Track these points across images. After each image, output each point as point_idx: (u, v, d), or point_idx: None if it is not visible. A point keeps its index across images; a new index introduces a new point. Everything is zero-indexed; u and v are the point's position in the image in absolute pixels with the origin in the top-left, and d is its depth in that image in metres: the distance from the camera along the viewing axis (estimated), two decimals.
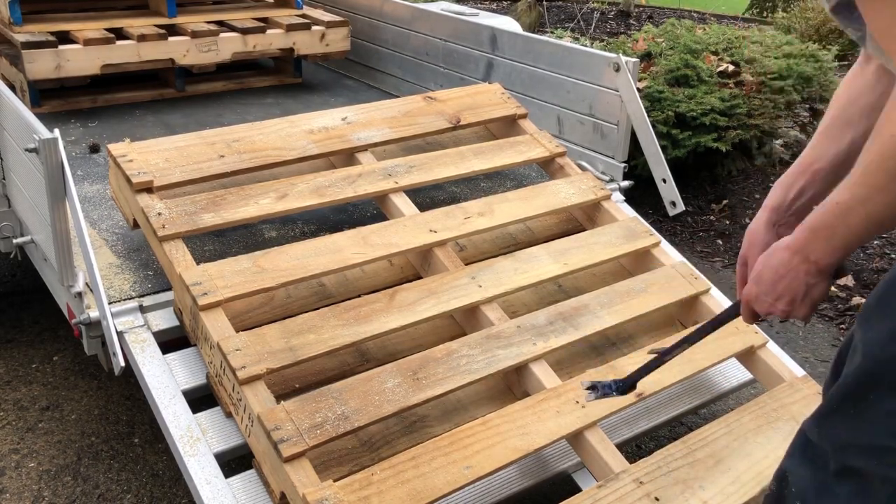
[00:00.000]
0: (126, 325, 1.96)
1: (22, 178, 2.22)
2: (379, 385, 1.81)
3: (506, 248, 2.41)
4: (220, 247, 2.29)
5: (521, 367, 1.98)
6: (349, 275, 2.18)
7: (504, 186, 2.75)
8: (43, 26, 3.18)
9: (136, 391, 2.67)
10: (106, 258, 2.18)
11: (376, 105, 2.65)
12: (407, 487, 1.63)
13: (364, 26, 3.82)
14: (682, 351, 1.58)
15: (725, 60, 4.28)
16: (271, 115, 2.93)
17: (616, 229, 2.41)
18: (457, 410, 1.95)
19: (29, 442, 2.52)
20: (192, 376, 1.91)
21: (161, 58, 3.27)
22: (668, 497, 1.76)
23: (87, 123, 3.16)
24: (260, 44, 3.48)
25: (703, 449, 1.89)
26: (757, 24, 7.54)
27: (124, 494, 2.35)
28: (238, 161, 2.27)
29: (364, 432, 1.80)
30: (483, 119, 2.69)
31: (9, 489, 2.34)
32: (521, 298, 2.26)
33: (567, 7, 8.67)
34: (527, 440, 1.80)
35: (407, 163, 2.43)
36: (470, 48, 3.27)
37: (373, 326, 1.93)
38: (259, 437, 1.70)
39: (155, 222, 2.03)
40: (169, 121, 3.23)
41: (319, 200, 2.23)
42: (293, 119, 2.49)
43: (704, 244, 4.01)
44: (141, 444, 2.54)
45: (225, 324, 1.86)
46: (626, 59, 2.65)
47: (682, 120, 3.98)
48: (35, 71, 3.01)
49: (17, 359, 2.92)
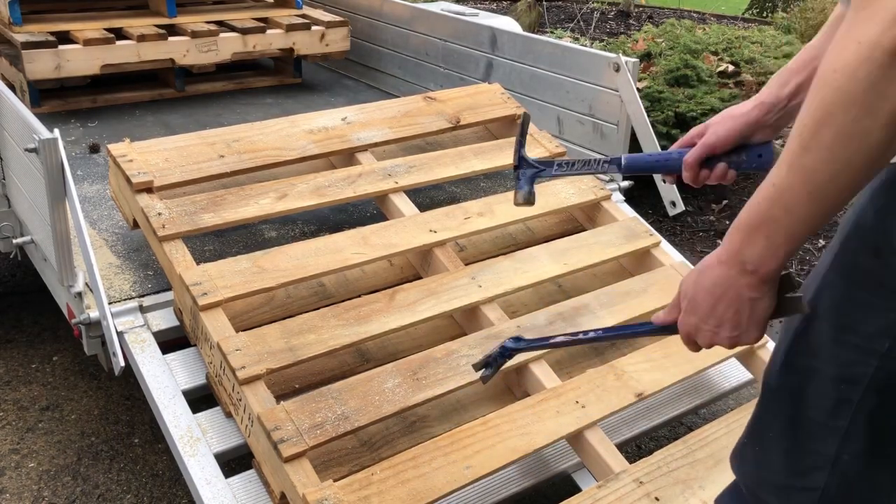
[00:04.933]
0: (126, 325, 1.96)
1: (22, 179, 2.22)
2: (379, 385, 1.81)
3: (506, 248, 2.41)
4: (220, 247, 2.29)
5: (521, 367, 1.98)
6: (349, 275, 2.18)
7: (504, 186, 2.75)
8: (43, 26, 3.18)
9: (135, 391, 2.67)
10: (106, 258, 2.18)
11: (376, 105, 2.65)
12: (407, 487, 1.63)
13: (364, 26, 3.82)
14: (586, 342, 1.47)
15: (725, 60, 4.28)
16: (271, 115, 2.93)
17: (616, 229, 2.41)
18: (457, 410, 1.95)
19: (29, 442, 2.52)
20: (192, 376, 1.91)
21: (161, 58, 3.27)
22: (668, 497, 1.76)
23: (87, 123, 3.16)
24: (260, 44, 3.48)
25: (703, 449, 1.89)
26: (757, 24, 7.55)
27: (124, 494, 2.35)
28: (238, 161, 2.27)
29: (364, 432, 1.80)
30: (483, 119, 2.69)
31: (9, 489, 2.34)
32: (521, 298, 2.26)
33: (567, 7, 8.67)
34: (527, 440, 1.80)
35: (407, 163, 2.43)
36: (470, 48, 3.27)
37: (373, 326, 1.93)
38: (259, 438, 1.70)
39: (155, 222, 2.03)
40: (169, 121, 3.23)
41: (319, 200, 2.23)
42: (293, 119, 2.49)
43: (704, 244, 4.01)
44: (141, 445, 2.54)
45: (225, 324, 1.86)
46: (625, 59, 2.65)
47: (682, 120, 3.98)
48: (35, 71, 3.01)
49: (17, 359, 2.92)
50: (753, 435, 1.15)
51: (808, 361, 1.05)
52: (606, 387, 1.95)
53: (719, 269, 1.03)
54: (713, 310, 1.05)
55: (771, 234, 0.96)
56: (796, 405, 1.07)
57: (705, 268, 1.05)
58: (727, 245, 1.02)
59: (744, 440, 1.17)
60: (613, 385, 1.96)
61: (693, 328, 1.09)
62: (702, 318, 1.07)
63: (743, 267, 1.00)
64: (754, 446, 1.14)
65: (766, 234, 0.96)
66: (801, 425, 1.07)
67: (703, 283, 1.05)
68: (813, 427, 1.05)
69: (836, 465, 1.04)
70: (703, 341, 1.10)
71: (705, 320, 1.06)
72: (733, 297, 1.02)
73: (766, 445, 1.11)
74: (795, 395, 1.07)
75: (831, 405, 1.03)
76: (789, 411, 1.08)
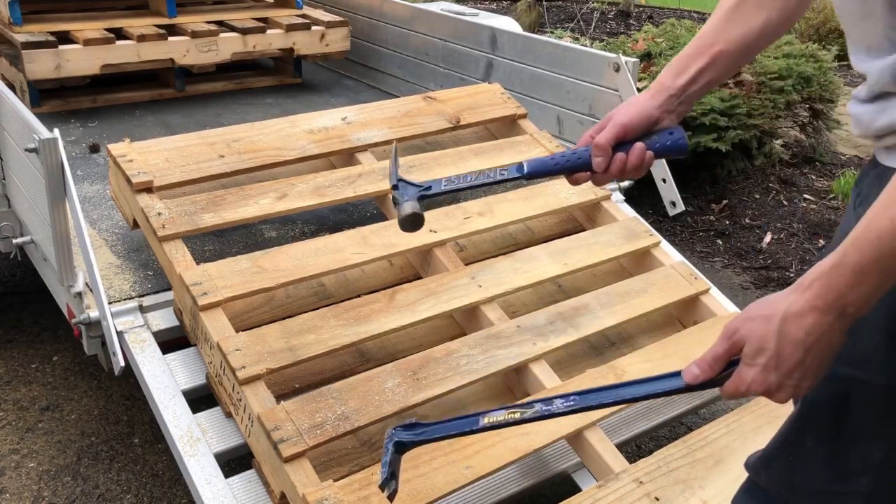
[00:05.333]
0: (126, 325, 1.96)
1: (22, 178, 2.22)
2: (379, 385, 1.81)
3: (506, 248, 2.41)
4: (220, 247, 2.29)
5: (521, 367, 1.98)
6: (349, 275, 2.18)
7: (504, 186, 2.75)
8: (43, 26, 3.18)
9: (135, 391, 2.67)
10: (106, 258, 2.18)
11: (376, 105, 2.65)
12: (407, 487, 1.63)
13: (364, 26, 3.82)
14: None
15: None
16: (271, 115, 2.93)
17: (616, 229, 2.41)
18: (457, 410, 1.94)
19: (29, 442, 2.52)
20: (192, 376, 1.91)
21: (161, 58, 3.27)
22: (668, 497, 1.76)
23: (87, 123, 3.16)
24: (260, 44, 3.48)
25: (703, 449, 1.89)
26: None
27: (124, 494, 2.35)
28: (238, 161, 2.27)
29: (364, 432, 1.80)
30: (483, 119, 2.69)
31: (9, 489, 2.34)
32: (521, 298, 2.26)
33: (567, 7, 8.67)
34: (527, 440, 1.80)
35: (407, 163, 2.43)
36: (470, 48, 3.26)
37: (373, 326, 1.93)
38: (259, 437, 1.70)
39: (155, 222, 2.03)
40: (169, 121, 3.23)
41: (319, 200, 2.23)
42: (293, 119, 2.49)
43: (704, 244, 4.01)
44: (141, 445, 2.54)
45: (225, 324, 1.86)
46: (626, 59, 2.65)
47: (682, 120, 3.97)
48: (35, 71, 3.01)
49: (16, 359, 2.92)
50: (786, 445, 1.12)
51: (851, 371, 1.03)
52: None
53: (813, 316, 0.92)
54: (801, 362, 0.94)
55: (885, 271, 0.88)
56: (839, 414, 1.06)
57: (790, 317, 0.93)
58: (821, 290, 0.91)
59: (773, 451, 1.14)
60: None
61: (775, 386, 0.97)
62: (787, 373, 0.95)
63: (843, 311, 0.91)
64: (787, 456, 1.12)
65: (881, 270, 0.88)
66: (844, 432, 1.05)
67: (792, 335, 0.93)
68: (857, 433, 1.04)
69: (884, 470, 1.03)
70: (782, 398, 0.99)
71: (790, 375, 0.95)
72: (825, 346, 0.93)
73: (803, 454, 1.09)
74: (838, 404, 1.05)
75: (881, 413, 1.02)
76: (830, 420, 1.07)
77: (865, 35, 1.04)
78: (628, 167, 1.25)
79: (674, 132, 1.29)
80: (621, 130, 1.25)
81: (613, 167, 1.25)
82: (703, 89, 1.25)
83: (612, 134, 1.25)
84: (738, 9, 1.20)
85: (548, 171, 1.32)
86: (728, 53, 1.21)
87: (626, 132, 1.25)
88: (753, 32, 1.20)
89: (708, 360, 1.04)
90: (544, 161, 1.32)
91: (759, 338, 0.96)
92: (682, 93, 1.24)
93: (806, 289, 0.93)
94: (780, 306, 0.94)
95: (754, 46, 1.22)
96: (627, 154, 1.25)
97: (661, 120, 1.27)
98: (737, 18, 1.20)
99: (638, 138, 1.26)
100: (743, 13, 1.19)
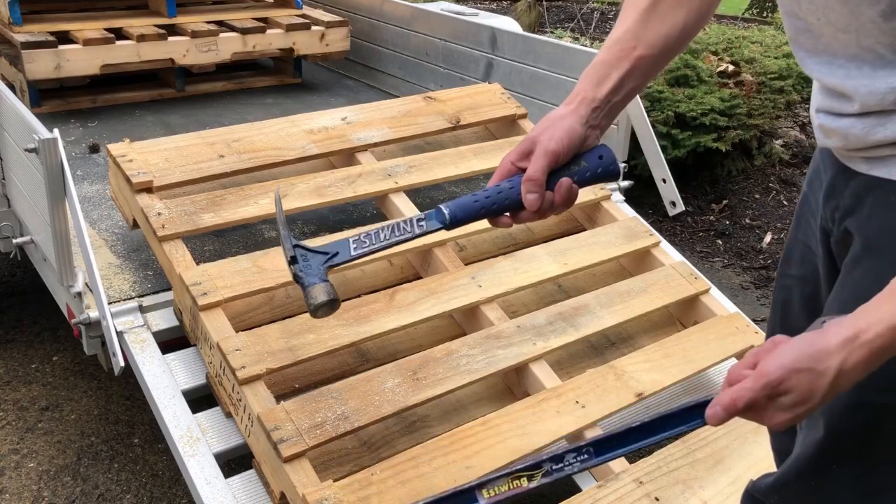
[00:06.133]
0: (126, 325, 1.96)
1: (22, 178, 2.22)
2: (379, 385, 1.81)
3: (506, 248, 2.41)
4: (220, 247, 2.29)
5: (521, 367, 1.98)
6: (349, 275, 2.18)
7: None
8: (43, 26, 3.18)
9: (135, 391, 2.67)
10: (106, 258, 2.18)
11: (376, 105, 2.65)
12: (407, 487, 1.63)
13: (364, 26, 3.82)
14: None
15: (725, 60, 4.28)
16: (271, 115, 2.92)
17: (616, 229, 2.41)
18: (457, 410, 1.94)
19: (29, 442, 2.52)
20: (192, 376, 1.91)
21: (161, 58, 3.27)
22: (668, 497, 1.76)
23: (86, 123, 3.16)
24: (260, 44, 3.48)
25: (703, 449, 1.89)
26: (757, 24, 7.54)
27: (124, 494, 2.34)
28: (238, 161, 2.27)
29: (364, 432, 1.80)
30: (483, 119, 2.69)
31: (9, 489, 2.34)
32: (521, 298, 2.26)
33: (567, 7, 8.67)
34: (527, 440, 1.79)
35: (407, 163, 2.43)
36: (470, 48, 3.26)
37: (372, 326, 1.93)
38: (259, 437, 1.70)
39: (155, 222, 2.03)
40: (169, 121, 3.23)
41: (319, 200, 2.23)
42: (293, 119, 2.49)
43: (704, 244, 4.01)
44: (141, 445, 2.54)
45: (225, 324, 1.86)
46: None
47: (682, 120, 3.98)
48: (35, 71, 3.01)
49: (16, 359, 2.92)
50: (807, 473, 1.10)
51: (884, 398, 1.02)
52: (606, 387, 1.95)
53: (864, 371, 0.89)
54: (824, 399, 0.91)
55: None
56: (868, 439, 1.05)
57: (845, 373, 0.88)
58: (881, 349, 0.87)
59: (788, 479, 1.11)
60: (613, 385, 1.96)
61: (796, 419, 0.93)
62: (811, 408, 0.91)
63: (883, 358, 0.88)
64: (808, 482, 1.09)
65: None
66: (874, 455, 1.05)
67: (840, 389, 0.90)
68: (889, 454, 1.04)
69: None
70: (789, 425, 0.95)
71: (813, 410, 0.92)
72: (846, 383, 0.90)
73: (829, 478, 1.08)
74: (868, 431, 1.05)
75: None
76: (860, 446, 1.05)
77: (846, 47, 0.99)
78: (555, 205, 1.12)
79: (603, 156, 1.16)
80: (553, 159, 1.10)
81: (544, 207, 1.11)
82: (626, 99, 1.14)
83: (545, 164, 1.10)
84: (654, 9, 1.11)
85: (472, 215, 1.15)
86: (649, 58, 1.11)
87: (557, 160, 1.11)
88: (675, 33, 1.11)
89: (739, 409, 0.95)
90: (466, 203, 1.15)
91: (807, 392, 0.90)
92: (605, 104, 1.12)
93: (863, 345, 0.87)
94: (832, 361, 0.88)
95: (675, 48, 1.14)
96: (554, 190, 1.11)
97: (587, 137, 1.14)
98: (654, 19, 1.11)
99: (567, 163, 1.13)
100: (659, 13, 1.11)
